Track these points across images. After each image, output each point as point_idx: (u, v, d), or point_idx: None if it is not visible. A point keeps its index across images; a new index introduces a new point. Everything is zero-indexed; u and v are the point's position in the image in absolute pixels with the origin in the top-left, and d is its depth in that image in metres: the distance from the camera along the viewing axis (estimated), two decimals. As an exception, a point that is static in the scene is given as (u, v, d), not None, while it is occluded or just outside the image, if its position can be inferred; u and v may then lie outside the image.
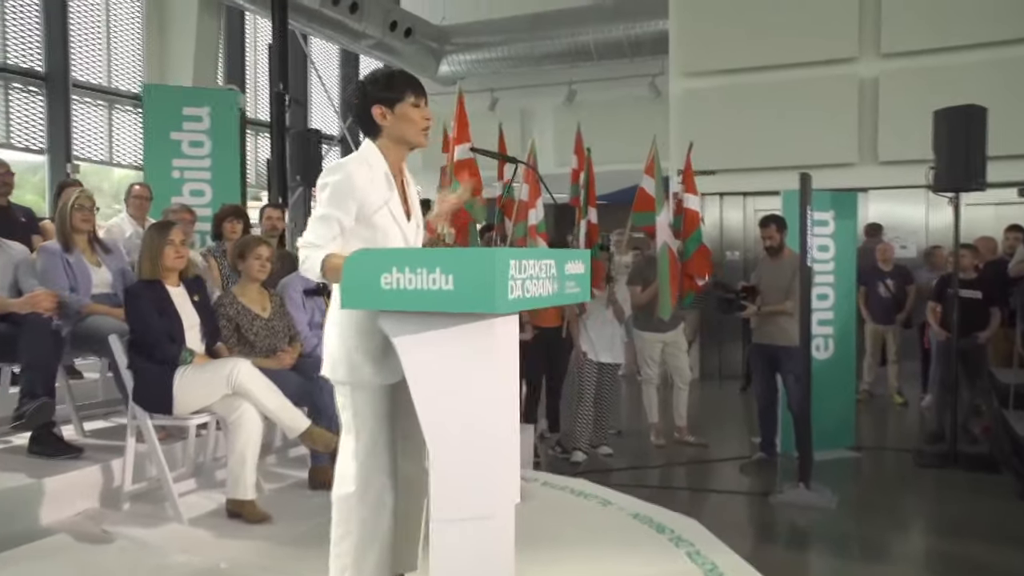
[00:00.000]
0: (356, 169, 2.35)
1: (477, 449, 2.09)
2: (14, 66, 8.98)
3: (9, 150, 9.04)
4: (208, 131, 6.14)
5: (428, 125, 2.44)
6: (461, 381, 2.08)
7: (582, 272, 2.35)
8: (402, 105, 2.39)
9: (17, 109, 8.99)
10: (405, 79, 2.44)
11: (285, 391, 3.72)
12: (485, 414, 2.10)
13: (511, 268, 1.92)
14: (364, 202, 2.34)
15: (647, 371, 6.58)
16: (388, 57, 12.06)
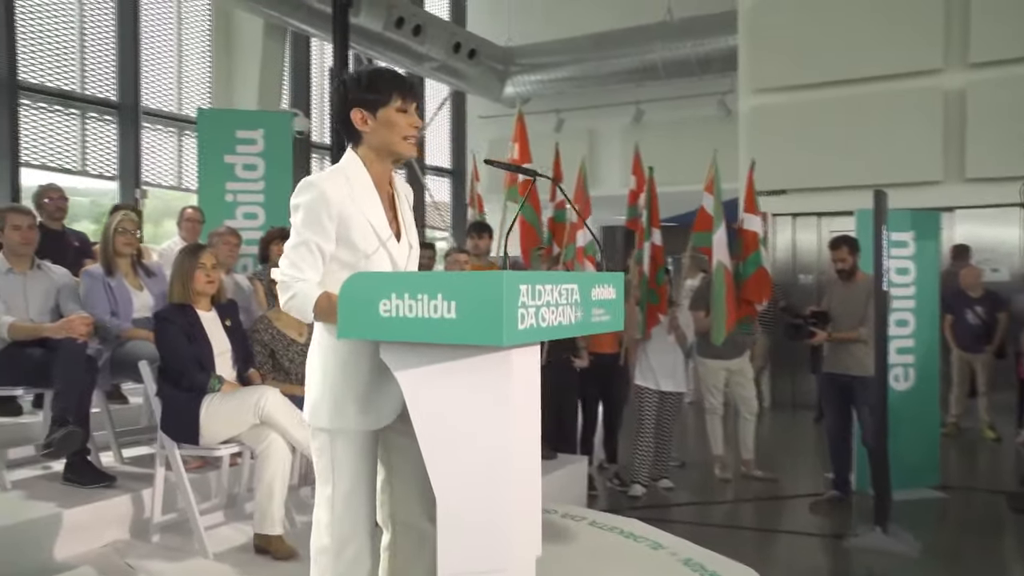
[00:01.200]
0: (331, 184, 2.07)
1: (490, 496, 1.87)
2: (91, 96, 9.24)
3: (85, 177, 9.30)
4: (262, 153, 6.12)
5: (415, 133, 2.16)
6: (473, 420, 1.86)
7: (613, 298, 2.11)
8: (386, 110, 2.11)
9: (92, 137, 9.24)
10: (391, 78, 2.15)
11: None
12: (500, 457, 1.87)
13: (522, 294, 1.70)
14: (343, 221, 2.07)
15: (711, 400, 6.25)
16: (452, 79, 12.04)
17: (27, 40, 8.52)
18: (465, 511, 1.86)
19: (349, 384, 2.08)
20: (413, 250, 2.28)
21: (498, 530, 1.88)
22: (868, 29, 8.42)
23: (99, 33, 9.31)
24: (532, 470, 1.99)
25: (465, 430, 1.86)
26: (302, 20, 9.42)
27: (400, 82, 2.16)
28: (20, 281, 3.87)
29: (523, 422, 1.93)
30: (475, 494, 1.86)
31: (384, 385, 2.01)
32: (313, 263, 2.06)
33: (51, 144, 8.84)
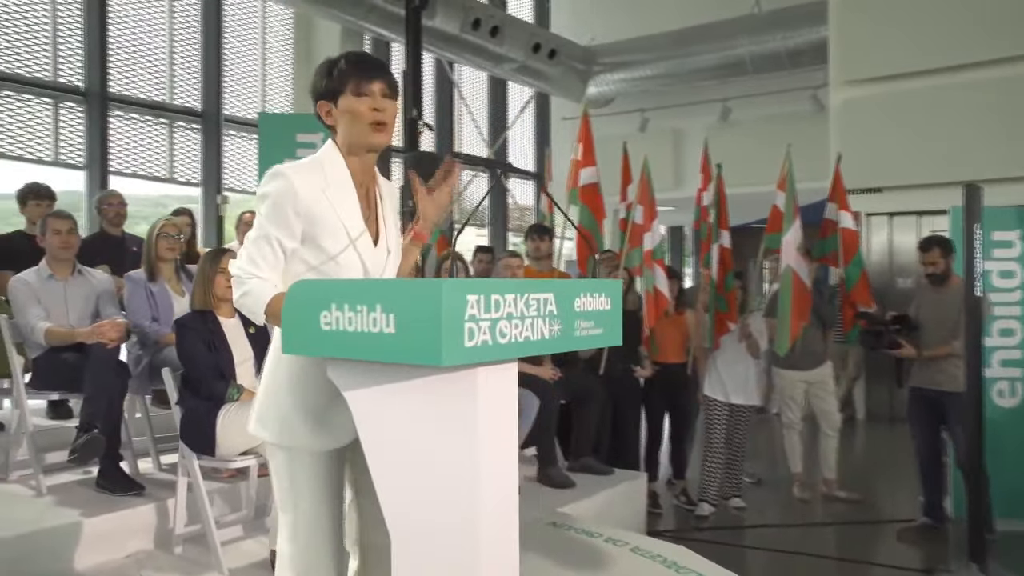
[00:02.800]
0: (301, 175, 1.88)
1: (452, 532, 1.64)
2: (179, 106, 9.50)
3: (172, 184, 9.57)
4: (322, 158, 6.06)
5: (380, 118, 1.91)
6: (432, 448, 1.64)
7: (607, 309, 1.85)
8: (345, 97, 1.91)
9: (180, 146, 9.49)
10: (351, 61, 1.93)
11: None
12: (465, 490, 1.64)
13: (470, 306, 1.47)
14: (311, 218, 1.88)
15: (788, 414, 5.81)
16: (533, 81, 11.85)
17: (117, 53, 8.81)
18: (424, 552, 1.64)
19: (298, 399, 1.89)
20: (392, 256, 2.07)
21: (463, 570, 1.65)
22: (967, 13, 7.74)
23: (186, 44, 9.56)
24: (506, 500, 1.75)
25: (423, 459, 1.64)
26: (376, 24, 9.42)
27: (362, 63, 1.94)
28: (61, 287, 3.89)
29: (494, 450, 1.69)
30: (435, 533, 1.63)
31: (342, 401, 1.82)
32: (273, 261, 1.88)
33: (140, 153, 9.12)
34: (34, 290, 3.78)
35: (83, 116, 8.42)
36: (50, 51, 8.26)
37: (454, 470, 1.63)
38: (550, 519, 3.94)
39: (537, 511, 4.13)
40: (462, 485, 1.63)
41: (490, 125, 12.91)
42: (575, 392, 4.95)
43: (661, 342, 5.49)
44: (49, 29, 8.24)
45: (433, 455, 1.63)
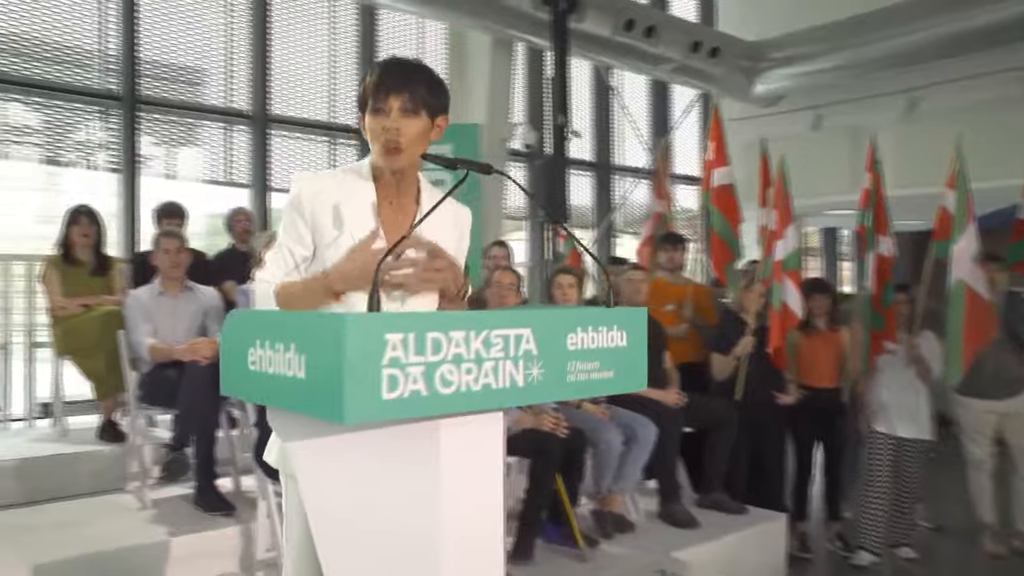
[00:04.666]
0: (314, 183, 1.77)
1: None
2: (340, 124, 9.78)
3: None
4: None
5: (389, 140, 1.73)
6: (383, 518, 1.35)
7: (622, 346, 1.47)
8: (367, 115, 1.78)
9: (340, 162, 9.79)
10: (376, 71, 1.77)
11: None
12: (425, 559, 1.33)
13: (391, 347, 1.16)
14: (316, 229, 1.74)
15: (974, 451, 4.97)
16: (694, 81, 11.25)
17: (279, 76, 9.21)
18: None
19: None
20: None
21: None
22: None
23: (344, 63, 9.85)
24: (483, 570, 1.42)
25: (372, 531, 1.35)
26: (526, 31, 9.24)
27: (378, 74, 1.76)
28: (170, 303, 3.95)
29: (463, 523, 1.37)
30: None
31: None
32: (287, 268, 1.77)
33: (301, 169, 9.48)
34: (145, 307, 3.85)
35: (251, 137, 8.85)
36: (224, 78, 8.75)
37: (411, 545, 1.33)
38: (660, 566, 3.52)
39: (651, 554, 3.73)
40: (421, 565, 1.32)
41: (652, 130, 12.41)
42: (705, 419, 4.47)
43: (811, 363, 4.87)
44: (224, 57, 8.74)
45: (384, 526, 1.34)
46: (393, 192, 1.81)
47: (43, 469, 4.00)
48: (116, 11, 7.72)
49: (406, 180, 1.82)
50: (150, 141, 8.37)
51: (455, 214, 1.89)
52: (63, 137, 7.61)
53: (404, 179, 1.82)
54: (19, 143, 7.36)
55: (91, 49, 7.82)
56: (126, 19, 7.69)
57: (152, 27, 7.98)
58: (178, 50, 8.45)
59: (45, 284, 4.40)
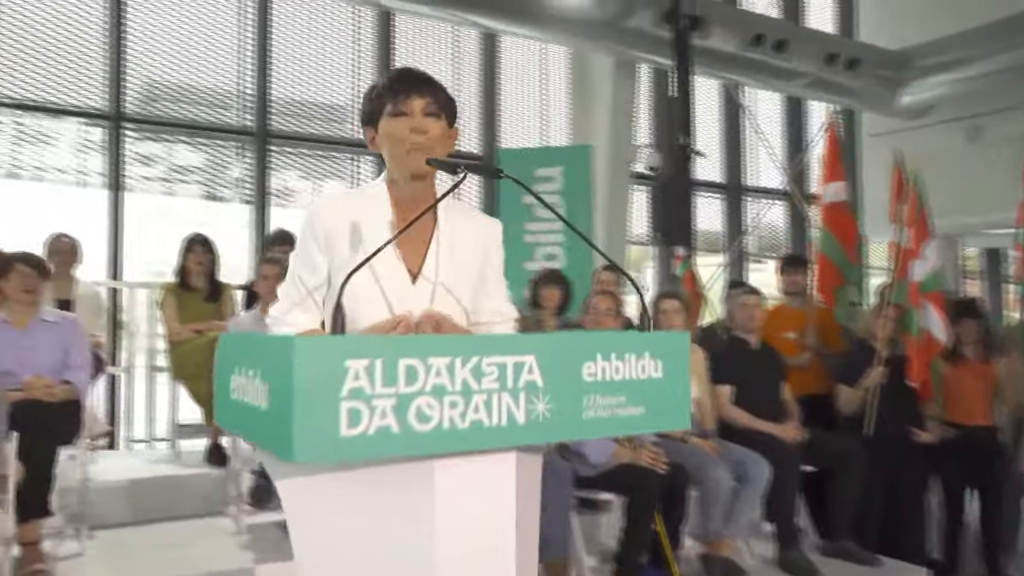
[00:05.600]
0: (328, 207, 1.67)
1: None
2: (460, 150, 9.89)
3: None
4: (561, 191, 5.79)
5: (418, 141, 1.60)
6: (376, 565, 1.19)
7: (657, 377, 1.26)
8: (384, 119, 1.65)
9: (466, 188, 9.85)
10: (389, 79, 1.67)
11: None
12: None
13: (351, 377, 1.01)
14: (332, 252, 1.63)
15: None
16: (831, 96, 10.62)
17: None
18: None
19: None
20: (444, 294, 1.67)
21: None
22: None
23: (467, 92, 9.96)
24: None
25: (365, 570, 1.20)
26: (647, 51, 9.02)
27: (398, 80, 1.66)
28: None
29: (463, 567, 1.20)
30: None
31: None
32: (299, 300, 1.65)
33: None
34: (245, 331, 3.91)
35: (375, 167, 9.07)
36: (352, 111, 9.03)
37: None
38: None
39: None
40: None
41: (787, 149, 11.82)
42: (829, 457, 4.06)
43: (959, 397, 4.37)
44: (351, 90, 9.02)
45: (377, 563, 1.18)
46: (410, 209, 1.67)
47: (153, 490, 4.11)
48: (252, 52, 8.14)
49: (424, 194, 1.68)
50: (285, 174, 8.74)
51: (477, 232, 1.73)
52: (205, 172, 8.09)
53: (421, 193, 1.68)
54: (182, 181, 7.93)
55: (230, 89, 8.28)
56: (260, 59, 8.08)
57: (283, 65, 8.35)
58: (307, 86, 8.80)
59: (163, 310, 4.57)
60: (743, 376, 4.13)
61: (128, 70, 7.33)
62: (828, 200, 4.70)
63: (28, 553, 3.20)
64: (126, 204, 7.16)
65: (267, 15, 8.19)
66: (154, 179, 8.01)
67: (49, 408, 3.27)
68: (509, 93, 10.09)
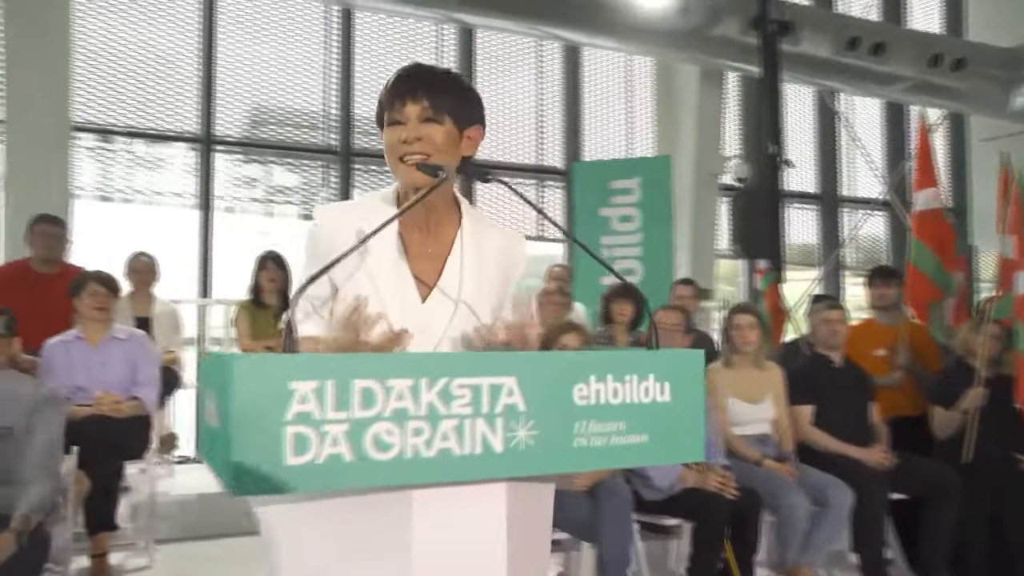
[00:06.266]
0: (330, 216, 1.55)
1: None
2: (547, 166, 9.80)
3: (541, 242, 9.88)
4: (638, 204, 5.62)
5: (408, 152, 1.47)
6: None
7: (664, 401, 1.12)
8: (384, 129, 1.53)
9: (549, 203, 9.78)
10: (387, 85, 1.55)
11: (560, 521, 2.93)
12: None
13: (298, 398, 0.92)
14: (343, 265, 1.50)
15: None
16: (935, 99, 10.06)
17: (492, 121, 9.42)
18: None
19: None
20: (451, 306, 1.54)
21: None
22: None
23: (551, 105, 9.90)
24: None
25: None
26: (734, 59, 8.76)
27: (388, 85, 1.55)
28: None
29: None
30: None
31: None
32: (307, 317, 1.53)
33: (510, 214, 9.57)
34: None
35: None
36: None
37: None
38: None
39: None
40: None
41: (887, 157, 11.25)
42: (924, 484, 3.75)
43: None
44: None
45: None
46: (422, 218, 1.55)
47: (221, 505, 4.15)
48: (337, 73, 8.33)
49: (434, 205, 1.54)
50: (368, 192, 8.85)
51: (504, 247, 1.59)
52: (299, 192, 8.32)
53: (435, 202, 1.54)
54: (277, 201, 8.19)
55: (316, 110, 8.49)
56: (343, 79, 8.26)
57: (366, 84, 8.49)
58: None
59: (236, 327, 4.65)
60: (825, 396, 3.87)
61: (219, 95, 7.60)
62: (920, 208, 4.38)
63: (96, 565, 3.27)
64: (216, 223, 7.43)
65: (350, 36, 8.36)
66: (249, 200, 8.27)
67: (116, 424, 3.34)
68: (593, 105, 9.98)
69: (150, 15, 7.46)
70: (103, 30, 7.23)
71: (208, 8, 7.54)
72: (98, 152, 7.24)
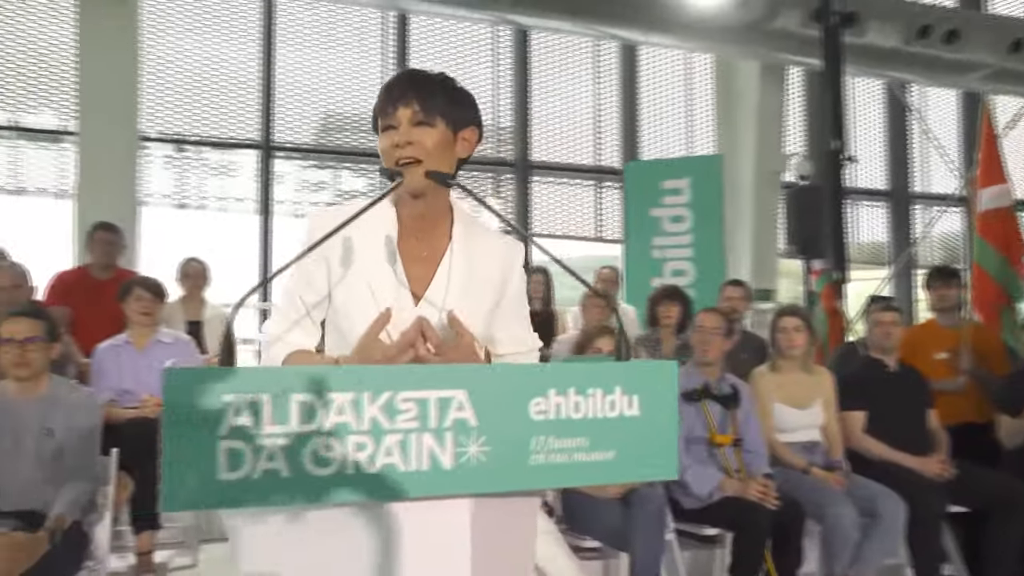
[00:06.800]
0: (328, 217, 1.49)
1: None
2: (605, 167, 9.71)
3: (599, 243, 9.79)
4: (689, 204, 5.50)
5: (400, 156, 1.45)
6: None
7: (632, 416, 1.07)
8: (380, 135, 1.51)
9: (608, 204, 9.66)
10: (381, 91, 1.52)
11: (592, 528, 2.88)
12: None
13: (233, 411, 0.91)
14: (329, 266, 1.51)
15: None
16: (1017, 88, 9.61)
17: (539, 123, 9.38)
18: None
19: None
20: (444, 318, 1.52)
21: None
22: None
23: (608, 104, 9.80)
24: None
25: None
26: (795, 52, 8.52)
27: (385, 92, 1.52)
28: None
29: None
30: None
31: None
32: (296, 319, 1.53)
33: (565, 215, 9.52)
34: None
35: (513, 184, 9.06)
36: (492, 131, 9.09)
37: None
38: None
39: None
40: None
41: (963, 150, 10.76)
42: (988, 496, 3.56)
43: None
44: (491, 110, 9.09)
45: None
46: (418, 226, 1.53)
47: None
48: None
49: (433, 208, 1.52)
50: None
51: (497, 254, 1.55)
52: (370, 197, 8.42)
53: (430, 207, 1.52)
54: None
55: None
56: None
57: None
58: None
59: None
60: (879, 401, 3.70)
61: (278, 103, 7.77)
62: (985, 207, 4.16)
63: (142, 563, 3.35)
64: (282, 228, 7.61)
65: (405, 41, 8.44)
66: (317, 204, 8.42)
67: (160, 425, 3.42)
68: (652, 105, 9.84)
69: (214, 29, 7.69)
70: (169, 44, 7.48)
71: (268, 19, 7.73)
72: (166, 160, 7.48)
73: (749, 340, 4.46)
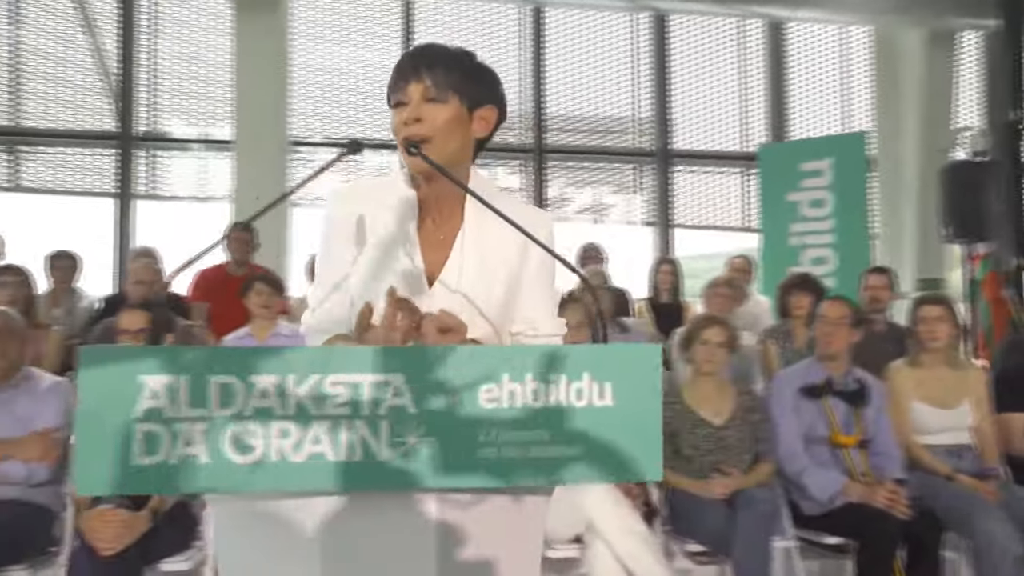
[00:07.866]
0: (347, 196, 1.47)
1: None
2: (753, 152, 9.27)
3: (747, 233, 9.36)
4: (830, 186, 5.08)
5: (410, 134, 1.36)
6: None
7: (604, 407, 0.94)
8: (392, 111, 1.43)
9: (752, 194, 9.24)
10: (395, 67, 1.44)
11: (696, 531, 2.72)
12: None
13: (150, 394, 0.88)
14: (349, 247, 1.45)
15: None
16: None
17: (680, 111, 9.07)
18: None
19: None
20: (461, 299, 1.42)
21: None
22: None
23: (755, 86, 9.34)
24: None
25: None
26: (967, 14, 7.77)
27: (396, 69, 1.44)
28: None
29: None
30: None
31: None
32: (321, 299, 1.48)
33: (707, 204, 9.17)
34: None
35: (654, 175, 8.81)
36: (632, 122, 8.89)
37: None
38: None
39: None
40: None
41: None
42: None
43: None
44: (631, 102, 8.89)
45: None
46: (434, 208, 1.45)
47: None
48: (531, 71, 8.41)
49: (447, 192, 1.43)
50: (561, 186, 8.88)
51: (506, 237, 1.42)
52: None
53: (445, 191, 1.43)
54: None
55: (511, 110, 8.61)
56: (535, 77, 8.33)
57: (558, 81, 8.52)
58: (584, 100, 8.86)
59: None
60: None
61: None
62: None
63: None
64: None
65: (541, 35, 8.41)
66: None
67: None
68: (802, 85, 9.27)
69: (356, 36, 8.01)
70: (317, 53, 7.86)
71: (406, 23, 7.96)
72: (311, 164, 7.85)
73: (891, 331, 4.06)
